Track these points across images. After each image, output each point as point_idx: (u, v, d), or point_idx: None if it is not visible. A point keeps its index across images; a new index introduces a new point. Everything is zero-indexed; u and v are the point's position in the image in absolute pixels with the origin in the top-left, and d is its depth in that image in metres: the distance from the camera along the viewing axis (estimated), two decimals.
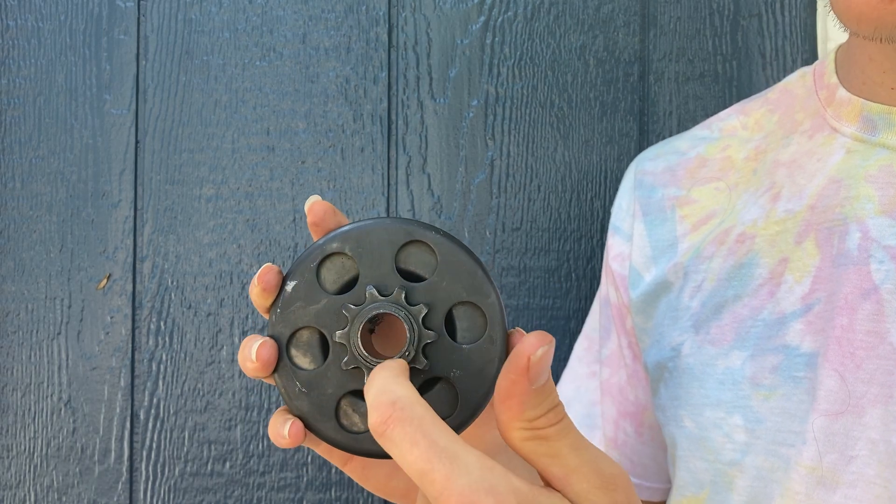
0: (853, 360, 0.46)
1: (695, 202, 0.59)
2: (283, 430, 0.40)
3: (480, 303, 0.41)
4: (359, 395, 0.41)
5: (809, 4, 0.78)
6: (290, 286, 0.41)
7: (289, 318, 0.41)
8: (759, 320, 0.51)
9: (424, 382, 0.41)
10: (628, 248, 0.62)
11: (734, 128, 0.60)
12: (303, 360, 0.41)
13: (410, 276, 0.41)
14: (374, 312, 0.40)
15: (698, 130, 0.63)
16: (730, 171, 0.58)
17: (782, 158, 0.55)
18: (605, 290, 0.66)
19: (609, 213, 0.77)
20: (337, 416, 0.41)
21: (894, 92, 0.50)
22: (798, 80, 0.58)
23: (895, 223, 0.47)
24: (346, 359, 0.41)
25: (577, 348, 0.70)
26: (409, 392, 0.33)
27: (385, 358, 0.40)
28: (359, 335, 0.40)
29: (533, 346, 0.32)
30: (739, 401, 0.51)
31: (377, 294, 0.40)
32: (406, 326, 0.40)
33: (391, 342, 0.45)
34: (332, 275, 0.41)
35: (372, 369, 0.40)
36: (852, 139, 0.51)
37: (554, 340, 0.34)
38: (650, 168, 0.63)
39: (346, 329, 0.40)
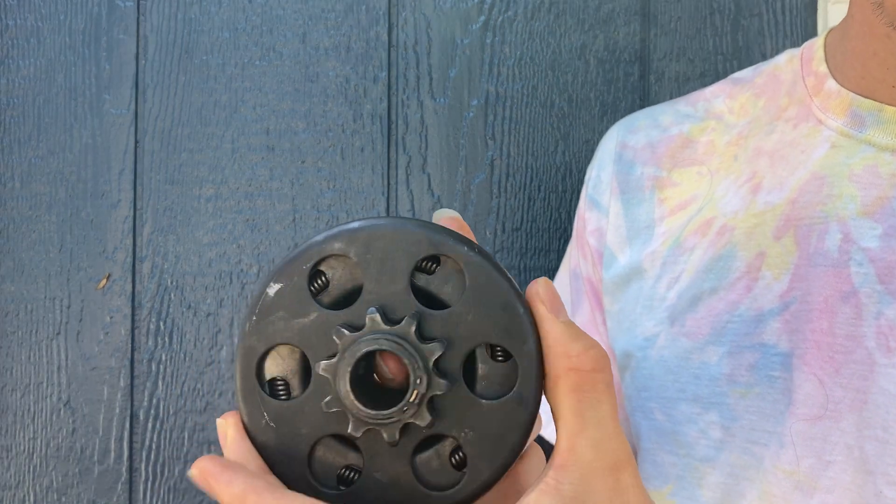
0: (832, 364, 0.46)
1: (676, 185, 0.58)
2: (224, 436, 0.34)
3: (514, 350, 0.32)
4: (341, 439, 0.33)
5: (810, 4, 0.78)
6: (272, 289, 0.32)
7: (266, 329, 0.32)
8: (737, 316, 0.51)
9: (422, 440, 0.32)
10: (605, 224, 0.61)
11: (721, 112, 0.59)
12: (276, 387, 0.33)
13: (428, 299, 0.33)
14: (366, 350, 0.31)
15: (683, 106, 0.62)
16: (712, 156, 0.57)
17: (765, 147, 0.54)
18: (576, 262, 0.64)
19: None
20: (310, 463, 0.33)
21: (895, 90, 0.48)
22: (786, 65, 0.57)
23: (876, 225, 0.46)
24: (328, 399, 0.32)
25: None
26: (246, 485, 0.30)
27: (379, 410, 0.31)
28: (348, 379, 0.31)
29: (535, 284, 0.32)
30: (716, 397, 0.50)
31: (380, 321, 0.31)
32: (409, 371, 0.31)
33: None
34: (329, 282, 0.33)
35: (360, 419, 0.31)
36: (838, 133, 0.50)
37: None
38: (631, 142, 0.62)
39: (333, 361, 0.32)
